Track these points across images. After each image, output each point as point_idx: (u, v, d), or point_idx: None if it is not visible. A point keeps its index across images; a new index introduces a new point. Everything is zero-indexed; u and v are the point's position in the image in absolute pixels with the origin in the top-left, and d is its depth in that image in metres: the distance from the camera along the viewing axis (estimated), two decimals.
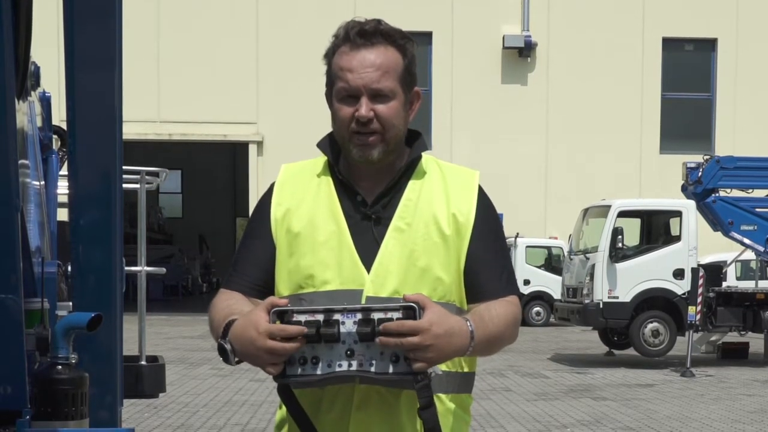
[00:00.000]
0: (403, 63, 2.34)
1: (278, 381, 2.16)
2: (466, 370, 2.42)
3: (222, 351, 2.17)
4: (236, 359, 2.17)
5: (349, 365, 2.12)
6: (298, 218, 2.37)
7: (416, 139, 2.45)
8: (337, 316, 2.11)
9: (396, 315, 2.10)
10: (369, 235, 2.34)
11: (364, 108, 2.28)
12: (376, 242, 2.33)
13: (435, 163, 2.46)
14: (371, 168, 2.37)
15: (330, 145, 2.42)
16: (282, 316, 2.11)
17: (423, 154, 2.46)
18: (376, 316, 2.10)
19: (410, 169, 2.41)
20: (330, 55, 2.36)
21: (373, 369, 2.11)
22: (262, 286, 2.38)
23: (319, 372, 2.12)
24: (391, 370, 2.11)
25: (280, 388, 2.24)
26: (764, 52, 28.28)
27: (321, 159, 2.46)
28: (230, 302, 2.33)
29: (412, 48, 2.38)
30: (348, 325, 2.10)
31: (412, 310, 2.10)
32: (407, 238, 2.33)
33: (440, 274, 2.33)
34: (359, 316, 2.11)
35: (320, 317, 2.11)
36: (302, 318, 2.10)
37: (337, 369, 2.12)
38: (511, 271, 2.44)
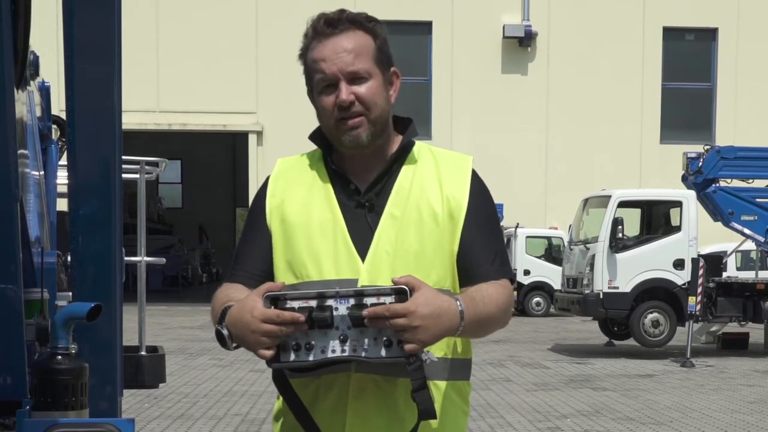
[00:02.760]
0: (375, 44, 2.36)
1: (272, 366, 2.17)
2: (461, 355, 2.42)
3: (219, 336, 2.19)
4: (234, 344, 2.19)
5: (343, 350, 2.12)
6: (292, 208, 2.39)
7: (407, 126, 2.46)
8: (329, 302, 2.11)
9: (388, 299, 2.11)
10: (363, 222, 2.36)
11: (344, 92, 2.30)
12: (370, 229, 2.35)
13: (428, 149, 2.47)
14: (363, 155, 2.38)
15: (321, 136, 2.44)
16: (275, 301, 2.12)
17: (416, 140, 2.47)
18: (368, 301, 2.11)
19: (402, 155, 2.43)
20: (304, 55, 2.39)
21: (365, 354, 2.12)
22: (264, 277, 2.39)
23: (312, 358, 2.13)
24: (383, 354, 2.11)
25: (276, 377, 2.25)
26: (765, 42, 28.24)
27: (315, 151, 2.49)
28: (229, 292, 2.35)
29: (382, 30, 2.40)
30: (341, 310, 2.11)
31: (404, 293, 2.11)
32: (401, 225, 2.34)
33: (434, 261, 2.35)
34: (352, 301, 2.11)
35: (313, 303, 2.11)
36: (295, 304, 2.11)
37: (331, 354, 2.12)
38: (504, 255, 2.44)
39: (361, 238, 2.33)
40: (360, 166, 2.39)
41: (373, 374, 2.27)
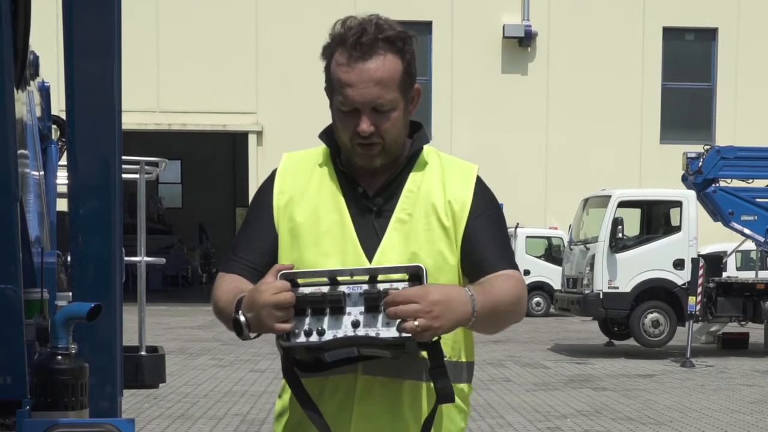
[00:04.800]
0: (402, 67, 2.31)
1: (285, 345, 2.15)
2: (464, 358, 2.43)
3: (237, 325, 2.17)
4: (252, 334, 2.16)
5: (356, 334, 2.12)
6: (301, 208, 2.37)
7: (417, 131, 2.45)
8: (342, 288, 2.11)
9: (402, 285, 2.11)
10: (370, 227, 2.35)
11: (365, 124, 2.28)
12: (376, 234, 2.34)
13: (436, 154, 2.47)
14: None
15: (331, 136, 2.42)
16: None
17: (424, 145, 2.46)
18: (381, 286, 2.10)
19: (411, 161, 2.42)
20: (328, 56, 2.33)
21: (380, 335, 2.11)
22: (263, 272, 2.38)
23: (327, 338, 2.11)
24: (397, 334, 2.10)
25: (287, 371, 2.24)
26: (765, 42, 28.23)
27: (322, 148, 2.47)
28: (236, 283, 2.33)
29: (412, 46, 2.35)
30: (353, 296, 2.11)
31: (417, 275, 2.11)
32: (409, 229, 2.34)
33: (442, 266, 2.34)
34: (365, 287, 2.11)
35: (325, 289, 2.11)
36: (307, 290, 2.11)
37: (341, 336, 2.11)
38: (509, 249, 2.42)
39: (369, 242, 2.33)
40: (369, 170, 2.38)
41: (381, 376, 2.27)
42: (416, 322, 2.05)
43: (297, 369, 2.24)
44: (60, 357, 2.43)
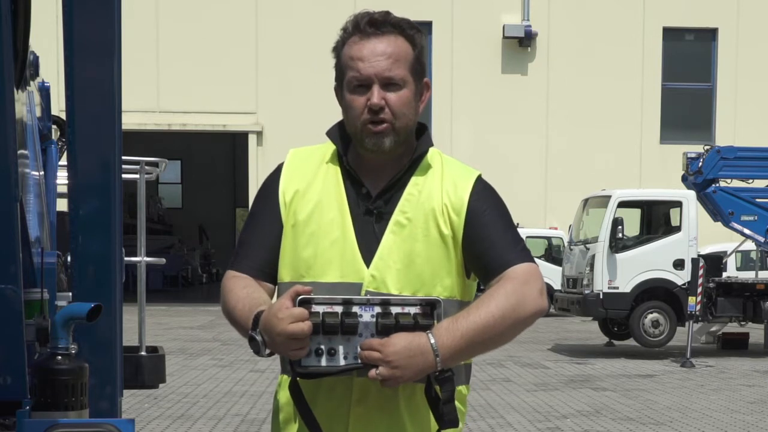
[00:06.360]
0: (413, 53, 2.35)
1: (299, 370, 2.15)
2: (462, 362, 2.42)
3: (253, 342, 2.17)
4: (267, 351, 2.17)
5: None
6: (304, 206, 2.37)
7: (422, 134, 2.45)
8: (355, 309, 2.11)
9: (414, 310, 2.12)
10: (370, 229, 2.35)
11: (376, 96, 2.29)
12: (376, 238, 2.34)
13: (439, 157, 2.46)
14: (379, 160, 2.37)
15: (340, 134, 2.42)
16: (302, 305, 2.12)
17: (430, 148, 2.46)
18: (394, 310, 2.11)
19: (415, 163, 2.42)
20: (339, 48, 2.37)
21: None
22: (270, 269, 2.39)
23: (341, 363, 2.13)
24: None
25: (292, 385, 2.24)
26: (765, 42, 28.22)
27: (329, 146, 2.46)
28: (249, 290, 2.33)
29: (421, 39, 2.39)
30: (366, 317, 2.11)
31: (430, 306, 2.11)
32: (408, 233, 2.33)
33: (439, 270, 2.34)
34: (378, 309, 2.12)
35: (339, 309, 2.11)
36: (320, 309, 2.11)
37: (353, 361, 2.14)
38: (516, 242, 2.39)
39: (368, 245, 2.33)
40: (375, 170, 2.38)
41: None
42: (377, 371, 2.10)
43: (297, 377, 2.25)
44: (60, 357, 2.43)
